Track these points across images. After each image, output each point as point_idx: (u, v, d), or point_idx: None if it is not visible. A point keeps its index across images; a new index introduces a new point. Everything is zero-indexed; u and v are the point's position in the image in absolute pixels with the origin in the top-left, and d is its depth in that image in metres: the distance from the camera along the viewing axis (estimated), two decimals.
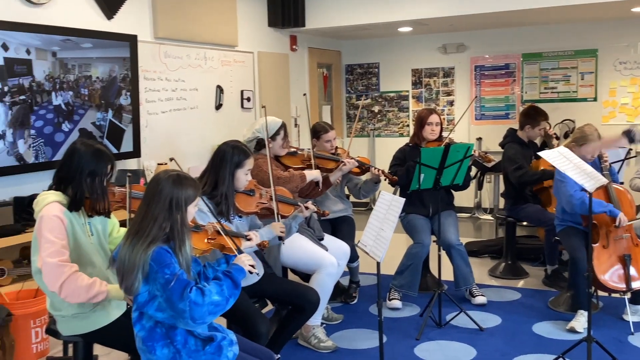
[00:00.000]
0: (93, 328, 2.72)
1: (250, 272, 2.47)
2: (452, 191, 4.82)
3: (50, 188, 2.77)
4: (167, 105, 5.86)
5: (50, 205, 2.66)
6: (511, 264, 5.42)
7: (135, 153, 5.31)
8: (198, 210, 2.91)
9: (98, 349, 3.15)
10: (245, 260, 2.51)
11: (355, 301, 4.78)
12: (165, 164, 5.51)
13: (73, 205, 2.71)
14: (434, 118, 4.75)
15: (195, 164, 5.94)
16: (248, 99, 6.91)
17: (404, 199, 2.78)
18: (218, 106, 6.51)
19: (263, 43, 7.16)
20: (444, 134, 4.86)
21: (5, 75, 4.16)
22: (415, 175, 4.12)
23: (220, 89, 6.51)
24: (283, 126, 4.11)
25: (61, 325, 2.77)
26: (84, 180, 2.71)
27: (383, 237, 2.77)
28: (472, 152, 4.31)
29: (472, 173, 6.05)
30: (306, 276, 4.08)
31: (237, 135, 3.88)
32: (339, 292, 4.76)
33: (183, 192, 2.34)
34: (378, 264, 2.86)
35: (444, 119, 8.16)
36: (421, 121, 4.78)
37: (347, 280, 4.86)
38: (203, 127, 6.29)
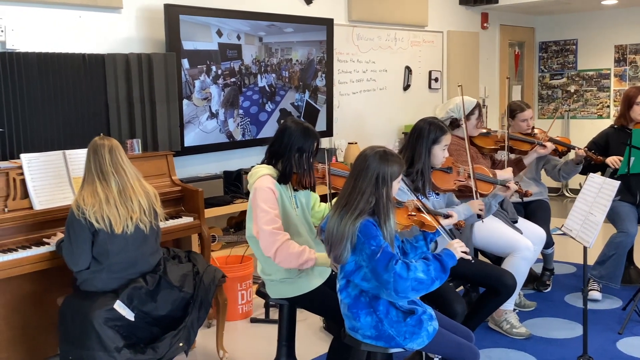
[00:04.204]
0: (297, 293, 2.91)
1: (463, 259, 2.47)
2: None
3: (262, 162, 3.00)
4: (357, 86, 6.02)
5: (263, 178, 2.88)
6: None
7: (328, 132, 5.54)
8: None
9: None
10: (457, 247, 2.48)
11: (548, 289, 4.57)
12: (355, 143, 5.69)
13: (282, 179, 2.91)
14: None
15: (382, 144, 6.03)
16: (436, 80, 6.86)
17: (619, 182, 2.59)
18: (406, 87, 6.55)
19: (453, 22, 7.04)
20: None
21: (219, 59, 4.56)
22: (624, 158, 3.81)
23: (408, 70, 6.53)
24: (478, 106, 4.03)
25: (270, 289, 3.00)
26: (293, 156, 2.90)
27: (592, 221, 2.62)
28: None
29: None
30: (496, 259, 3.99)
31: (424, 116, 3.87)
32: (531, 279, 4.58)
33: (389, 168, 2.41)
34: (585, 249, 2.72)
35: None
36: (629, 100, 4.41)
37: (540, 267, 4.67)
38: (391, 107, 6.37)
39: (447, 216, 2.88)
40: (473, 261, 2.56)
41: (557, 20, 8.27)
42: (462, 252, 2.46)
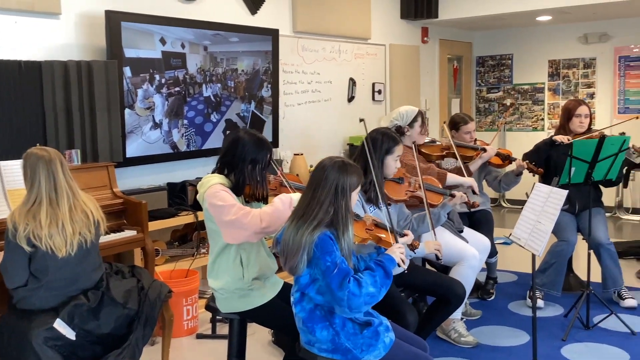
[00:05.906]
0: (250, 307, 2.83)
1: (401, 263, 2.47)
2: (601, 187, 4.56)
3: (213, 172, 2.92)
4: (302, 97, 6.00)
5: (214, 186, 2.79)
6: None
7: (274, 143, 5.48)
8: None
9: None
10: (397, 251, 2.51)
11: (492, 297, 4.66)
12: (301, 154, 5.65)
13: (235, 191, 2.83)
14: (583, 110, 4.51)
15: (328, 155, 6.03)
16: (379, 92, 6.92)
17: (567, 191, 2.66)
18: (350, 98, 6.58)
19: (395, 35, 7.14)
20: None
21: (163, 67, 4.44)
22: (565, 169, 3.93)
23: (352, 82, 6.57)
24: (420, 114, 4.10)
25: (220, 303, 2.91)
26: (246, 167, 2.83)
27: (541, 230, 2.67)
28: (629, 146, 4.05)
29: None
30: (443, 269, 4.02)
31: (368, 127, 3.87)
32: (475, 288, 4.65)
33: (348, 178, 2.39)
34: (533, 257, 2.77)
35: None
36: (569, 113, 4.56)
37: (483, 276, 4.75)
38: (335, 119, 6.38)
39: (402, 235, 2.86)
40: (406, 271, 2.57)
41: (493, 35, 8.52)
42: (401, 253, 2.47)
